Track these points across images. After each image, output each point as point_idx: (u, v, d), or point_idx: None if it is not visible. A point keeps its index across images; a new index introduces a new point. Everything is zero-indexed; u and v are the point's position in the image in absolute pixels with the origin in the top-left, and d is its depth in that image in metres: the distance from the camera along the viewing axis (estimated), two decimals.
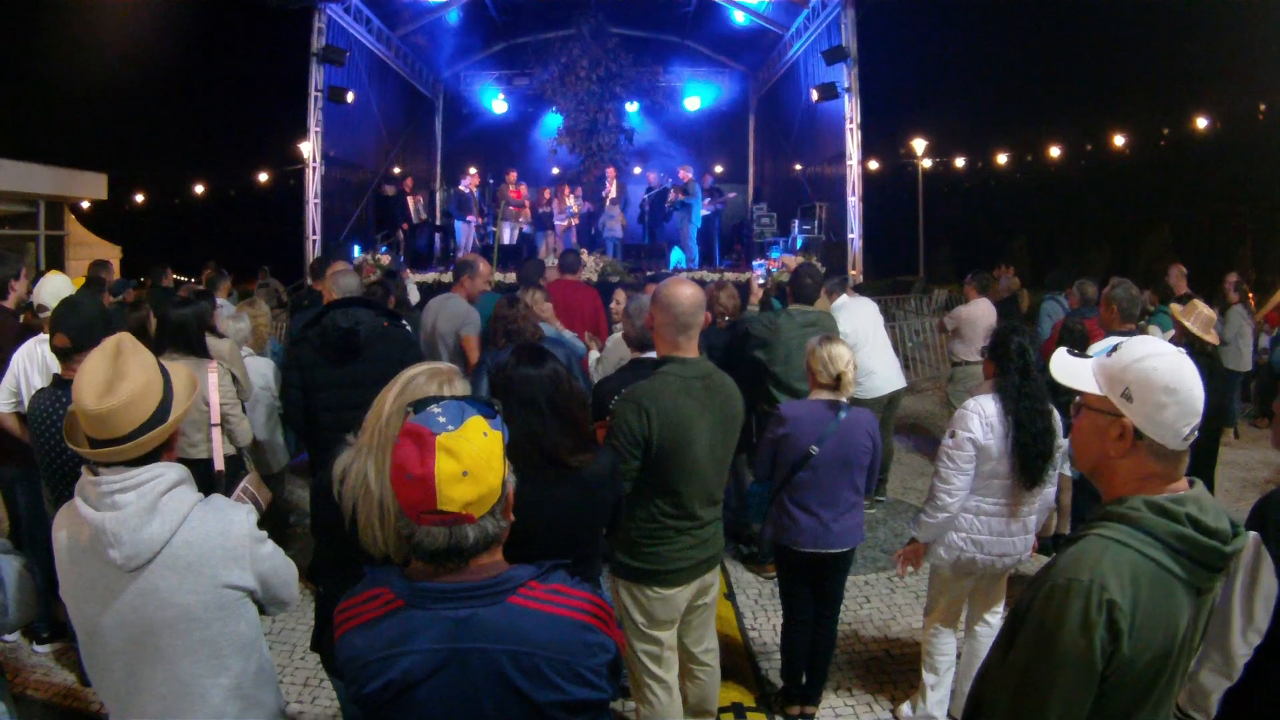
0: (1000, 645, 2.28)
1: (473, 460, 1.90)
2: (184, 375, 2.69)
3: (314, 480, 3.11)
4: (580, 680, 1.99)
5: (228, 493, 3.48)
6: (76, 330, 4.32)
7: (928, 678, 4.96)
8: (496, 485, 1.97)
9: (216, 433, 5.26)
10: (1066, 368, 2.32)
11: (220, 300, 9.18)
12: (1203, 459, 6.64)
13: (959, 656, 5.01)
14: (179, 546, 2.50)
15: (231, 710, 2.63)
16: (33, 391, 4.83)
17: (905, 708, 5.12)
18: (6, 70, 30.75)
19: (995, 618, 4.98)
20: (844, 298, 8.58)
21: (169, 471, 2.56)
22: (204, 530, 2.55)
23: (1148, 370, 2.13)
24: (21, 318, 6.32)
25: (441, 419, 1.94)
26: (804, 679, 5.17)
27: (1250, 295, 12.69)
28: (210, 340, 5.98)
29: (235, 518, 2.65)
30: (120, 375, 2.46)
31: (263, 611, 2.82)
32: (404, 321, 5.88)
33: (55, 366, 4.68)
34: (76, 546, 2.55)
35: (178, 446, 2.75)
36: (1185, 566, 2.06)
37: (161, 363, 2.64)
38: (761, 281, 7.91)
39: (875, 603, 6.66)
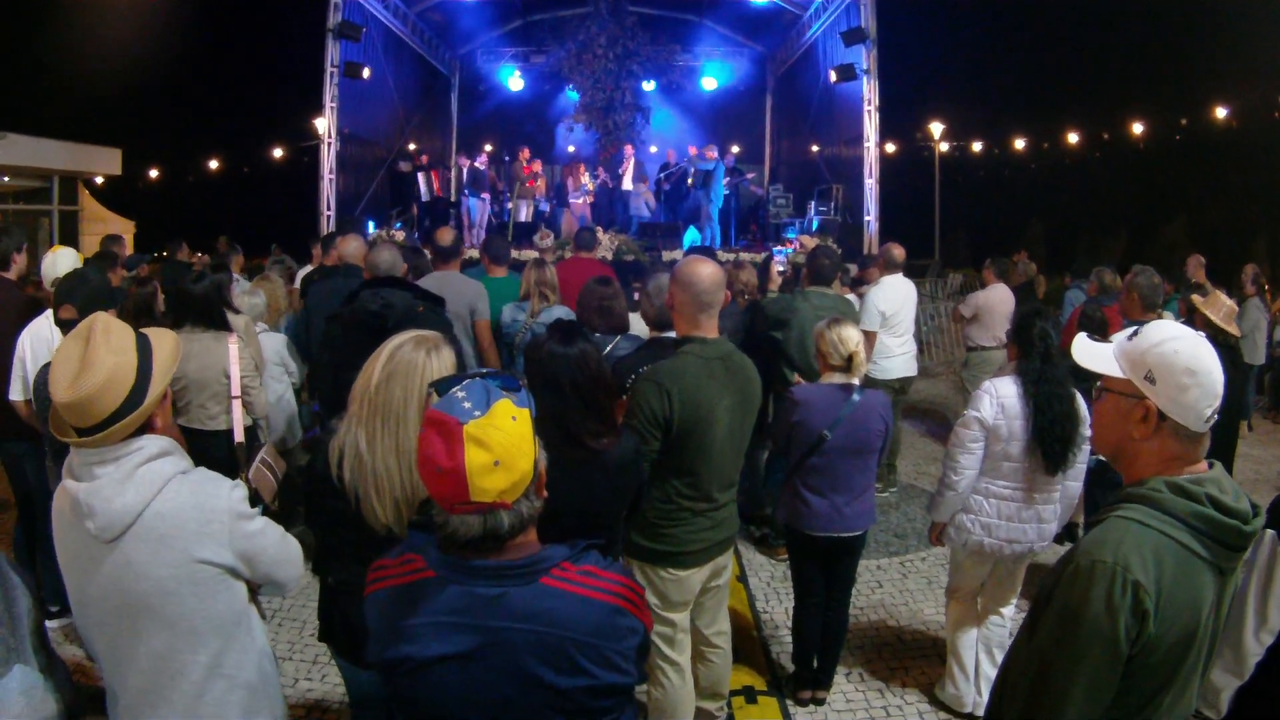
0: (1024, 631, 2.26)
1: (503, 449, 1.85)
2: (168, 346, 2.64)
3: (307, 469, 3.03)
4: (608, 664, 1.96)
5: (247, 463, 3.45)
6: (83, 301, 4.28)
7: (954, 662, 4.99)
8: (528, 470, 1.92)
9: (237, 405, 5.22)
10: (1088, 351, 2.32)
11: (235, 276, 9.18)
12: (1221, 452, 6.59)
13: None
14: (151, 518, 2.46)
15: (214, 690, 2.59)
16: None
17: (943, 688, 5.12)
18: (21, 46, 30.74)
19: (1009, 610, 4.98)
20: (887, 276, 8.56)
21: (151, 444, 2.51)
22: (178, 502, 2.51)
23: (1169, 353, 2.13)
24: (27, 289, 6.30)
25: (467, 404, 1.88)
26: (815, 663, 5.16)
27: (1266, 288, 12.58)
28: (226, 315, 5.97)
29: (215, 491, 2.58)
30: (88, 364, 2.40)
31: (257, 591, 2.78)
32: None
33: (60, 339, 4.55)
34: (63, 517, 2.54)
35: (171, 419, 2.70)
36: (1207, 546, 2.06)
37: (145, 335, 2.59)
38: (782, 269, 7.87)
39: (887, 587, 6.64)
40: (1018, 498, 4.56)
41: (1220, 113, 33.36)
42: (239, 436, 5.16)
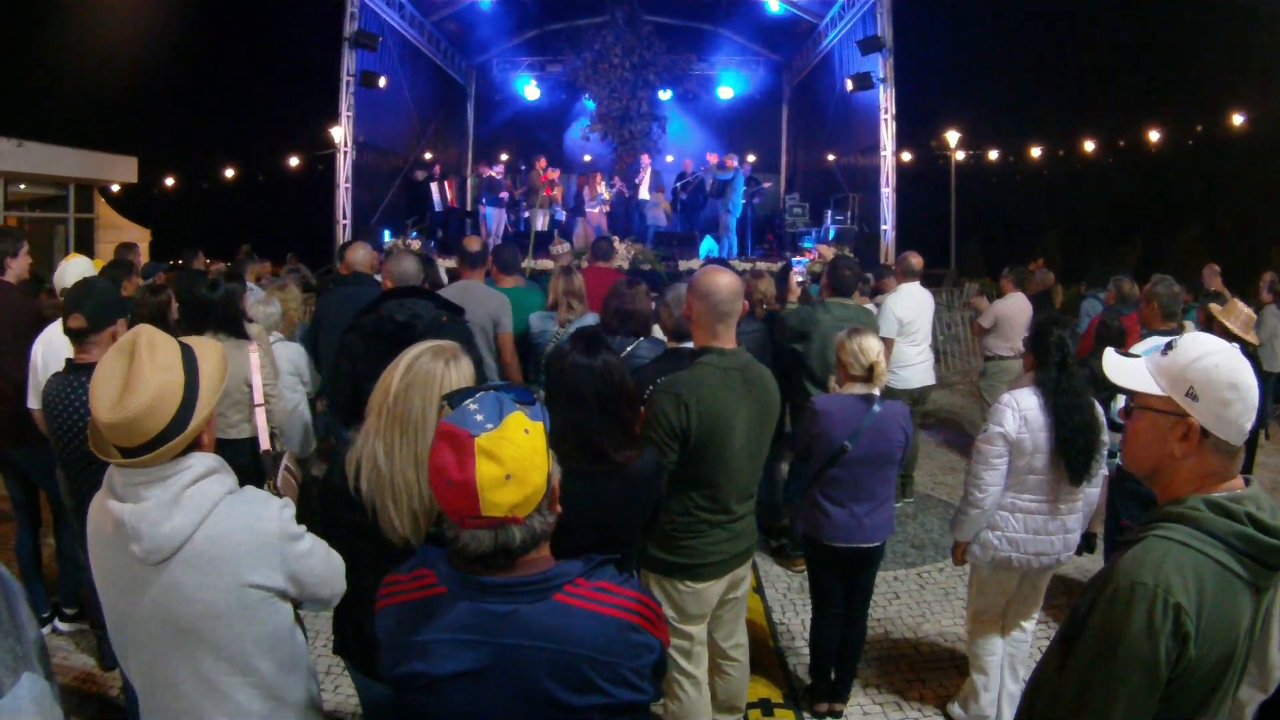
0: (1054, 653, 2.22)
1: (515, 462, 1.83)
2: (215, 359, 2.54)
3: (322, 484, 2.99)
4: (622, 682, 1.93)
5: (274, 471, 3.43)
6: (91, 311, 4.22)
7: (978, 679, 4.88)
8: (541, 484, 1.89)
9: (260, 413, 5.19)
10: (1122, 369, 2.26)
11: (250, 284, 9.17)
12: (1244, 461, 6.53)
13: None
14: (201, 542, 2.38)
15: (258, 709, 2.53)
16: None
17: (955, 707, 5.06)
18: (36, 54, 30.90)
19: (1031, 624, 4.93)
20: (905, 284, 8.52)
21: (199, 462, 2.43)
22: (229, 525, 2.43)
23: (1210, 368, 2.09)
24: (41, 297, 6.28)
25: (479, 416, 1.86)
26: (833, 675, 5.12)
27: None
28: None
29: (265, 513, 2.50)
30: (134, 381, 2.31)
31: (299, 608, 2.72)
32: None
33: (71, 352, 4.49)
34: (103, 537, 2.45)
35: (214, 434, 2.61)
36: (1247, 566, 2.01)
37: (190, 348, 2.50)
38: (801, 279, 7.84)
39: (904, 599, 6.59)
40: (1044, 510, 4.50)
41: (1236, 120, 33.15)
42: (265, 444, 5.12)
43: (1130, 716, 2.00)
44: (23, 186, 20.54)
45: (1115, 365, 2.27)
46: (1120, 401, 5.70)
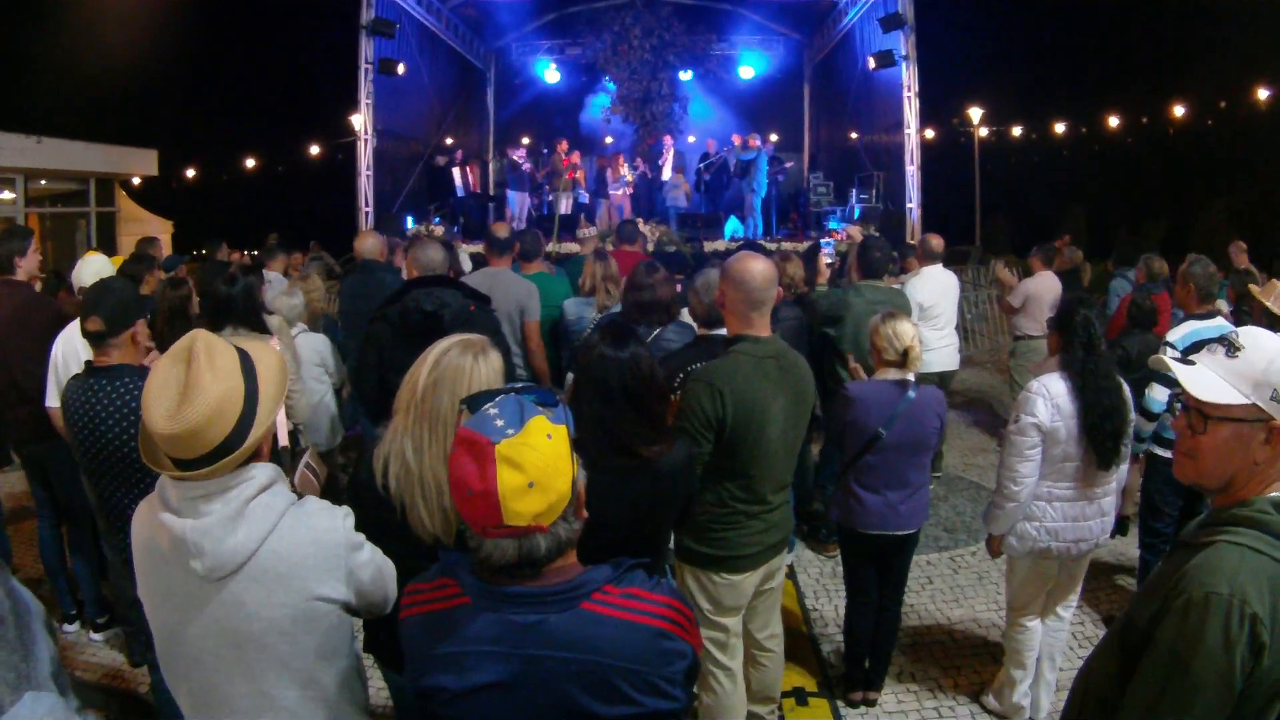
0: (1106, 659, 2.16)
1: (538, 470, 1.77)
2: (274, 365, 2.46)
3: (352, 477, 2.95)
4: (654, 690, 1.88)
5: (292, 469, 3.38)
6: (109, 314, 4.13)
7: (1015, 673, 4.82)
8: (566, 491, 1.84)
9: (280, 410, 5.14)
10: (1202, 383, 2.12)
11: (273, 275, 9.13)
12: None
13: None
14: (267, 557, 2.31)
15: (314, 718, 2.48)
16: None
17: (990, 699, 5.00)
18: (55, 49, 30.99)
19: (1068, 611, 4.86)
20: (927, 267, 8.46)
21: (260, 473, 2.36)
22: (295, 539, 2.36)
23: None
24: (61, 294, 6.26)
25: (499, 422, 1.80)
26: (866, 664, 5.08)
27: None
28: None
29: (330, 525, 2.44)
30: (192, 390, 2.20)
31: (355, 615, 2.65)
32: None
33: (90, 353, 4.39)
34: (156, 552, 2.37)
35: (270, 443, 2.54)
36: None
37: (248, 354, 2.41)
38: (830, 261, 7.74)
39: (938, 584, 6.54)
40: (1080, 496, 4.41)
41: (1261, 95, 32.82)
42: (283, 440, 5.07)
43: None
44: (43, 183, 20.69)
45: (1193, 379, 2.14)
46: (1157, 391, 5.62)
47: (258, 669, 2.38)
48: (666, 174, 19.92)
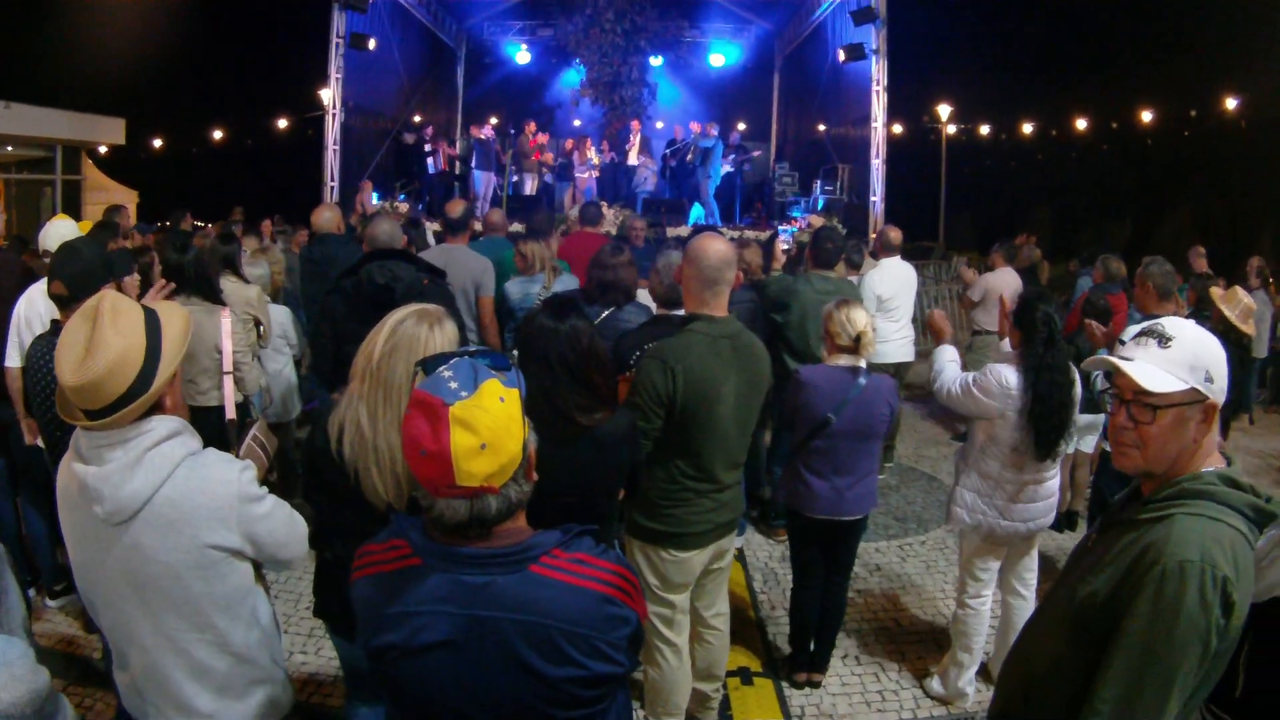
0: (1053, 633, 2.34)
1: (490, 431, 1.81)
2: (179, 323, 2.58)
3: (307, 443, 2.99)
4: (598, 654, 1.91)
5: (238, 441, 3.42)
6: (73, 277, 4.13)
7: (962, 656, 4.91)
8: (517, 452, 1.88)
9: (228, 381, 5.16)
10: (1155, 377, 2.19)
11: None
12: None
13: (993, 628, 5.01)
14: (161, 504, 2.43)
15: (219, 666, 2.59)
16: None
17: (934, 683, 5.07)
18: (24, 14, 30.55)
19: (1029, 591, 4.96)
20: (885, 259, 8.57)
21: (161, 425, 2.47)
22: (189, 487, 2.47)
23: (1211, 345, 2.20)
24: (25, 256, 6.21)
25: (453, 384, 1.83)
26: (812, 646, 5.14)
27: (1271, 281, 12.53)
28: (236, 286, 5.91)
29: (223, 475, 2.54)
30: (95, 346, 2.36)
31: (261, 568, 2.75)
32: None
33: (55, 313, 4.44)
34: (70, 497, 2.51)
35: (181, 398, 2.64)
36: (1254, 533, 2.11)
37: (155, 313, 2.53)
38: (786, 248, 7.81)
39: (885, 570, 6.62)
40: (1030, 480, 4.55)
41: (1230, 104, 33.14)
42: (230, 413, 5.09)
43: (1183, 692, 2.06)
44: (9, 149, 20.44)
45: (1142, 373, 2.20)
46: (1100, 382, 5.74)
47: (157, 609, 2.50)
48: (633, 158, 19.88)
